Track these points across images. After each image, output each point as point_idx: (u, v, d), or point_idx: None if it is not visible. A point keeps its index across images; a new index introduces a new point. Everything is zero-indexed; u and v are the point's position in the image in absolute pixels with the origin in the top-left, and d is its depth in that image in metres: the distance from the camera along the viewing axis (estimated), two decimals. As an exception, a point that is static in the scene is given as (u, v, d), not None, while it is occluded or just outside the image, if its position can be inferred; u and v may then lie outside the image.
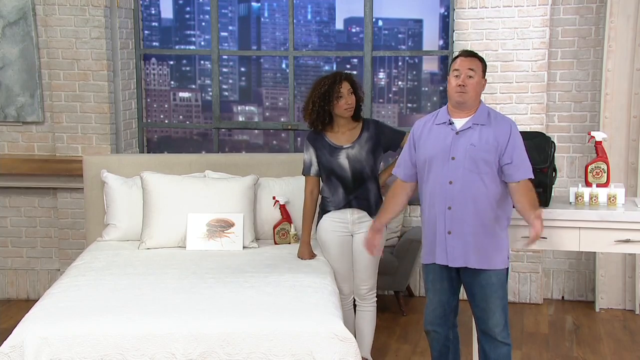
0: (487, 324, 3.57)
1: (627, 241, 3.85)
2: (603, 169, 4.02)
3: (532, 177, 3.52)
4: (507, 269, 3.59)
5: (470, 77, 3.49)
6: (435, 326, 3.69)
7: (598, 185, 4.01)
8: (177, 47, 6.34)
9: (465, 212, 3.49)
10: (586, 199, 3.98)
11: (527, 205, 3.47)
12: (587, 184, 4.03)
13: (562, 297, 5.67)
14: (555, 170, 3.94)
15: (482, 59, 3.60)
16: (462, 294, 3.70)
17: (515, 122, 3.62)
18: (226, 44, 6.19)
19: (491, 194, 3.48)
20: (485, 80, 3.61)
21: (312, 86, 4.07)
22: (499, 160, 3.48)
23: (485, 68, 3.60)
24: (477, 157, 3.47)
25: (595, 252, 5.37)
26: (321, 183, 4.12)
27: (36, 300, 3.61)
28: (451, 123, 3.55)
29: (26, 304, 4.96)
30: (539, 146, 3.86)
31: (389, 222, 3.85)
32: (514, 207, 3.60)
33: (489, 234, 3.51)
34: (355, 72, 4.28)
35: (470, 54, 3.59)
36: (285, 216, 4.47)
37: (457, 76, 3.50)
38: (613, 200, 3.94)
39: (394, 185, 3.75)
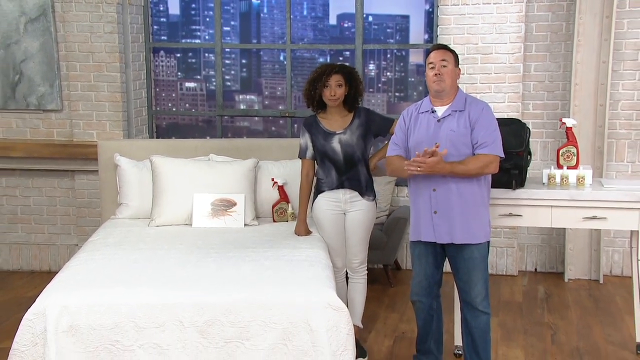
0: (470, 294, 3.56)
1: (594, 218, 3.86)
2: (573, 152, 4.02)
3: (501, 155, 3.46)
4: (489, 242, 3.58)
5: (444, 66, 3.49)
6: (420, 297, 3.69)
7: (568, 168, 4.01)
8: (183, 40, 6.31)
9: (449, 193, 3.47)
10: (558, 179, 3.98)
11: (464, 160, 3.39)
12: (559, 166, 4.03)
13: (535, 269, 5.68)
14: (530, 153, 3.92)
15: (453, 50, 3.59)
16: (446, 267, 3.70)
17: (489, 105, 3.57)
18: (229, 38, 6.16)
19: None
20: (459, 69, 3.59)
21: (312, 70, 4.06)
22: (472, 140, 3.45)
23: (457, 58, 3.58)
24: (457, 142, 3.45)
25: (565, 228, 5.38)
26: (316, 166, 4.10)
27: (57, 272, 3.60)
28: (433, 111, 3.54)
29: (48, 275, 4.94)
30: (515, 132, 3.84)
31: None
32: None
33: (472, 211, 3.49)
34: (347, 64, 4.22)
35: (441, 47, 3.59)
36: (283, 196, 4.45)
37: (432, 68, 3.50)
38: (582, 181, 3.94)
39: (392, 159, 3.64)
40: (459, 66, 3.60)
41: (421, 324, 3.75)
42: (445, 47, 3.58)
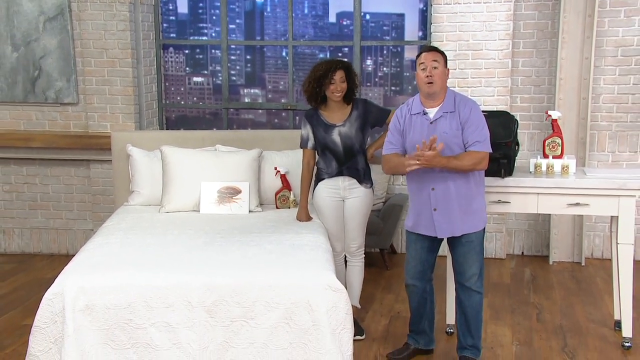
0: (465, 275, 3.55)
1: (577, 204, 3.85)
2: (558, 142, 4.00)
3: (490, 151, 3.43)
4: (484, 228, 3.56)
5: (435, 67, 3.41)
6: (414, 280, 3.68)
7: (554, 157, 3.99)
8: (191, 38, 6.28)
9: (447, 191, 3.45)
10: (543, 168, 3.96)
11: (459, 156, 3.36)
12: (545, 155, 4.01)
13: (522, 252, 5.68)
14: (517, 144, 3.91)
15: (443, 52, 3.52)
16: (441, 251, 3.69)
17: (477, 103, 3.52)
18: (234, 35, 6.13)
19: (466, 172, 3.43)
20: (448, 70, 3.52)
21: (312, 67, 3.99)
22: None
23: (446, 59, 3.50)
24: (450, 143, 3.41)
25: (550, 214, 5.38)
26: (317, 156, 4.08)
27: (74, 255, 3.59)
28: (425, 113, 3.48)
29: (66, 258, 4.95)
30: (504, 123, 3.82)
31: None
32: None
33: (469, 204, 3.47)
34: (346, 60, 4.19)
35: (432, 49, 3.51)
36: (286, 184, 4.44)
37: (423, 69, 3.42)
38: (566, 169, 3.93)
39: (389, 157, 3.57)
40: (447, 66, 3.52)
41: (414, 307, 3.74)
42: (435, 49, 3.51)
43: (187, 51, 6.25)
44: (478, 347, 3.63)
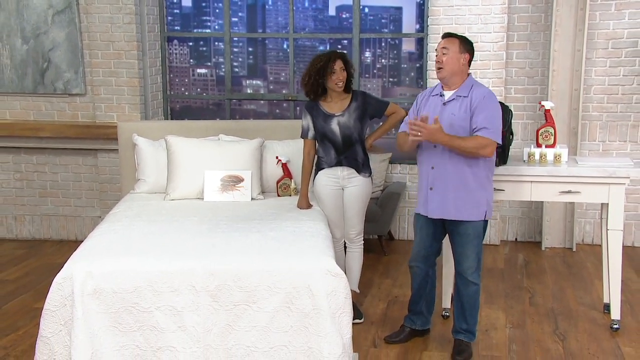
0: (462, 266, 3.54)
1: (569, 192, 3.84)
2: (551, 132, 3.99)
3: (499, 141, 3.35)
4: (486, 221, 3.52)
5: (444, 54, 3.39)
6: (418, 263, 3.68)
7: (546, 146, 3.98)
8: (195, 30, 6.24)
9: (445, 171, 3.42)
10: (537, 157, 3.96)
11: (464, 137, 3.30)
12: (538, 145, 4.00)
13: (516, 238, 5.68)
14: (512, 133, 3.89)
15: (461, 37, 3.44)
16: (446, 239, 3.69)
17: (494, 95, 3.43)
18: (236, 28, 6.09)
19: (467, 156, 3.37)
20: (467, 55, 3.41)
21: (310, 62, 3.96)
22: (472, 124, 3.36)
23: (466, 44, 3.41)
24: (455, 124, 3.37)
25: (543, 201, 5.37)
26: (317, 145, 4.06)
27: (82, 241, 3.58)
28: (442, 95, 3.47)
29: (75, 244, 4.96)
30: (498, 114, 3.79)
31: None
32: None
33: (466, 190, 3.41)
34: (345, 52, 4.16)
35: (446, 35, 3.47)
36: (287, 173, 4.43)
37: (436, 56, 3.43)
38: (558, 158, 3.92)
39: (400, 135, 3.59)
40: (468, 52, 3.41)
41: (416, 287, 3.73)
42: (449, 35, 3.44)
43: (191, 43, 6.21)
44: (472, 332, 3.62)
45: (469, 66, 3.48)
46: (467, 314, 3.58)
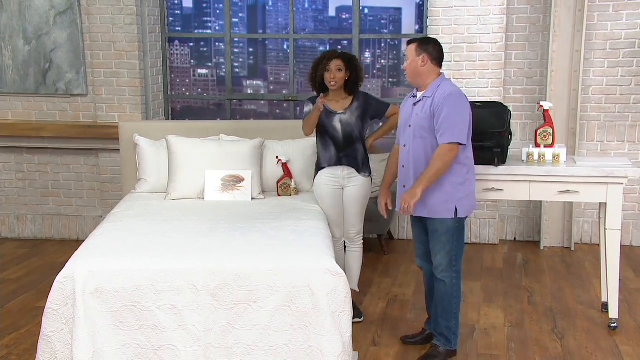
0: (433, 264, 3.52)
1: (567, 192, 3.84)
2: (549, 132, 3.98)
3: (457, 141, 3.28)
4: (458, 219, 3.41)
5: (406, 60, 3.45)
6: (421, 262, 3.67)
7: (545, 146, 3.98)
8: (196, 31, 6.23)
9: (411, 170, 3.43)
10: (535, 157, 3.95)
11: (427, 169, 3.32)
12: (537, 145, 4.00)
13: (514, 238, 5.67)
14: (511, 133, 3.89)
15: (418, 40, 3.43)
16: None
17: (461, 94, 3.36)
18: (237, 29, 6.09)
19: (432, 155, 3.34)
20: (424, 56, 3.37)
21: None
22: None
23: (421, 45, 3.39)
24: (418, 125, 3.38)
25: (541, 201, 5.37)
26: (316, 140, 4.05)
27: (84, 240, 3.58)
28: (414, 96, 3.49)
29: (76, 243, 4.96)
30: (497, 114, 3.80)
31: (392, 182, 3.71)
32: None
33: (434, 188, 3.36)
34: (354, 55, 4.15)
35: (408, 43, 3.50)
36: (287, 173, 4.42)
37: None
38: (557, 158, 3.92)
39: (393, 150, 3.71)
40: (425, 52, 3.37)
41: (427, 289, 3.74)
42: (409, 42, 3.48)
43: (191, 44, 6.21)
44: (446, 336, 3.52)
45: (438, 65, 3.42)
46: (439, 315, 3.52)
